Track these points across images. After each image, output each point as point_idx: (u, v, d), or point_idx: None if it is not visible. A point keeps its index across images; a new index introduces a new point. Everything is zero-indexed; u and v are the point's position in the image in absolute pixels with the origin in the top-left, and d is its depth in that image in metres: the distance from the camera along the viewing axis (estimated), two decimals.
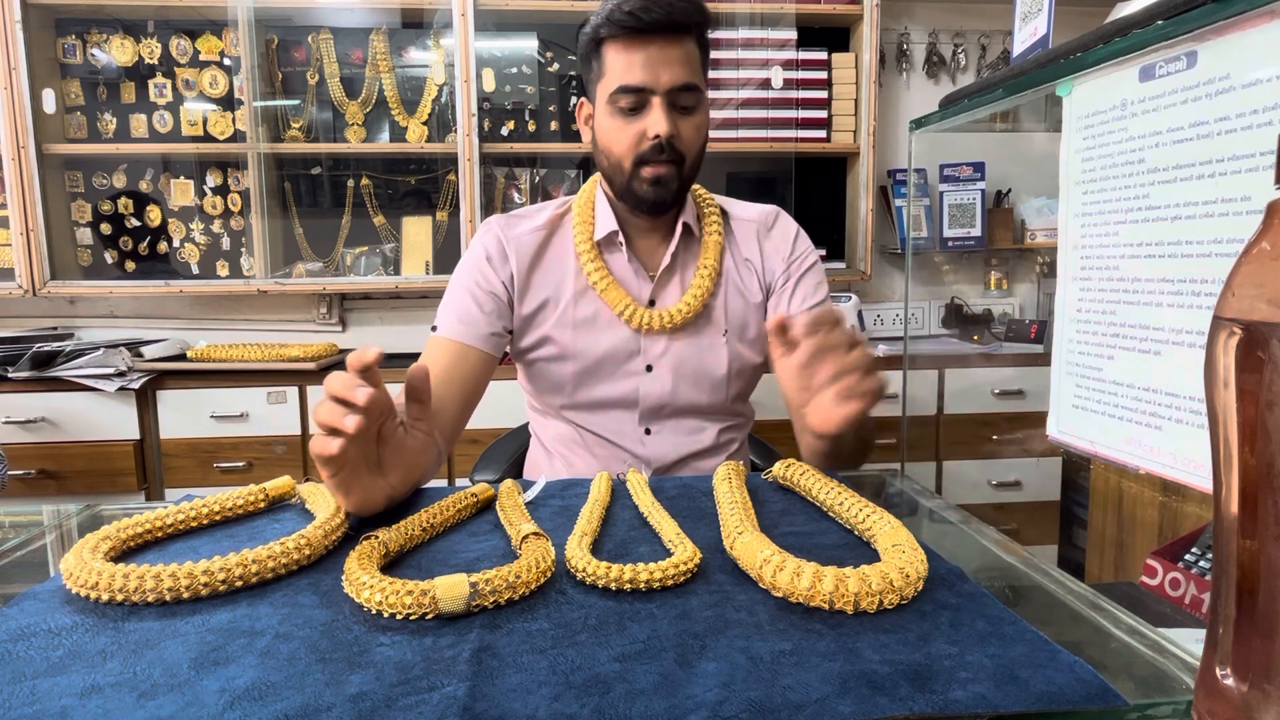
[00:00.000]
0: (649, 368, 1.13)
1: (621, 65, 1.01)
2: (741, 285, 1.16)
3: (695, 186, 1.18)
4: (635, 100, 1.02)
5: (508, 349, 1.15)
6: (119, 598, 0.54)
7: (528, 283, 1.12)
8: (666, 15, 0.99)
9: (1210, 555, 0.93)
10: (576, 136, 2.44)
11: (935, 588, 0.56)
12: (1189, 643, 0.49)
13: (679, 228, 1.12)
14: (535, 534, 0.62)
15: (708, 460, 1.16)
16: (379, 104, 2.44)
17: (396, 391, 0.74)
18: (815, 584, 0.53)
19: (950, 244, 2.62)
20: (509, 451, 1.38)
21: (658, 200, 1.06)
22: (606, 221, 1.11)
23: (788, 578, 0.54)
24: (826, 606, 0.53)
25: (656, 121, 1.01)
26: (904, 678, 0.44)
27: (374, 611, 0.53)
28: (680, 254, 1.14)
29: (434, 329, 1.10)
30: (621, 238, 1.11)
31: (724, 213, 1.19)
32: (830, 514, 0.73)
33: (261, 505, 0.76)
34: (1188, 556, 0.98)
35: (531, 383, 1.18)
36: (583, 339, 1.11)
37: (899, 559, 0.56)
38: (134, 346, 2.22)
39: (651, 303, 1.13)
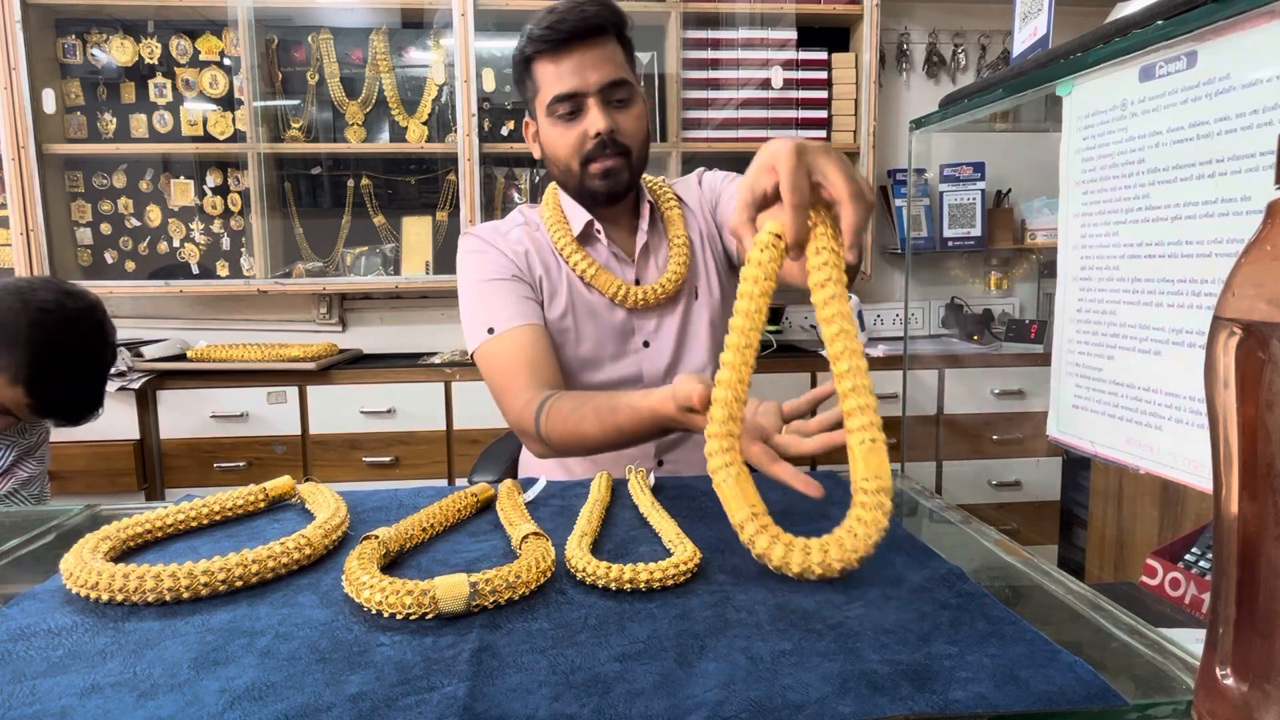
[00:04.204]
0: (646, 344, 1.17)
1: (552, 77, 1.08)
2: (712, 244, 1.24)
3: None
4: (571, 105, 1.08)
5: None
6: (119, 598, 0.54)
7: (528, 261, 1.17)
8: (581, 21, 1.06)
9: (1210, 555, 0.92)
10: None
11: (935, 587, 0.56)
12: (1189, 643, 0.49)
13: (645, 210, 1.19)
14: (535, 534, 0.62)
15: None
16: (379, 104, 2.44)
17: (398, 394, 0.75)
18: (785, 564, 0.57)
19: (950, 244, 2.62)
20: (509, 451, 1.38)
21: (611, 191, 1.12)
22: (580, 217, 1.17)
23: (762, 550, 0.58)
24: (792, 576, 0.57)
25: (594, 120, 1.08)
26: (904, 678, 0.44)
27: (374, 611, 0.53)
28: (651, 234, 1.20)
29: (490, 331, 1.11)
30: (598, 227, 1.17)
31: (671, 188, 1.26)
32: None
33: (261, 505, 0.76)
34: (1188, 556, 0.98)
35: None
36: (579, 326, 1.16)
37: (853, 526, 0.58)
38: (134, 346, 2.22)
39: (637, 281, 1.19)
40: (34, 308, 1.26)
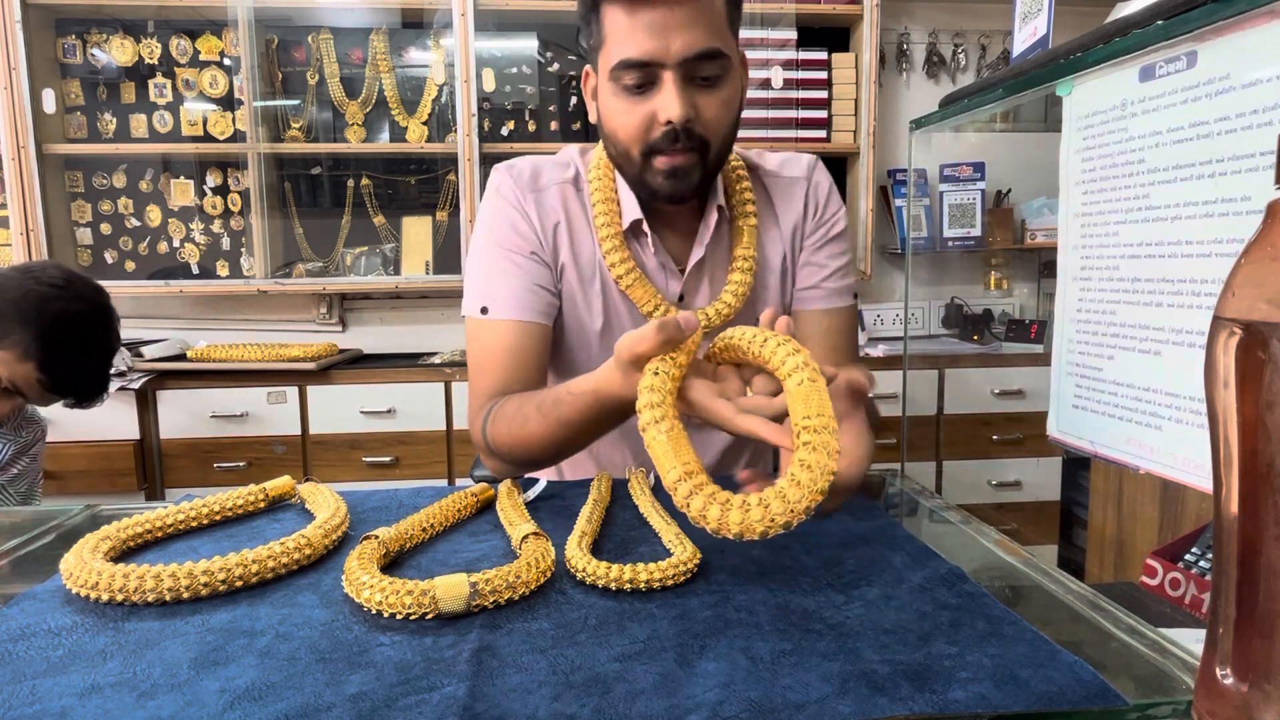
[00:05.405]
0: None
1: (623, 31, 0.82)
2: (788, 261, 1.01)
3: None
4: (642, 76, 0.82)
5: None
6: (119, 598, 0.54)
7: (555, 238, 0.97)
8: None
9: (1210, 555, 0.92)
10: (577, 137, 2.45)
11: (935, 587, 0.56)
12: (1189, 643, 0.49)
13: (713, 214, 0.96)
14: (535, 534, 0.62)
15: (734, 458, 1.07)
16: (379, 104, 2.44)
17: (398, 394, 0.74)
18: (721, 526, 0.52)
19: (950, 244, 2.62)
20: None
21: (675, 194, 0.89)
22: (631, 208, 0.95)
23: (696, 513, 0.53)
24: (732, 537, 0.52)
25: (668, 104, 0.82)
26: (904, 678, 0.44)
27: (374, 611, 0.53)
28: (711, 248, 0.97)
29: (483, 310, 0.94)
30: (647, 227, 0.95)
31: (756, 176, 1.02)
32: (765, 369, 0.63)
33: (261, 505, 0.76)
34: (1188, 556, 0.98)
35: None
36: (603, 332, 0.99)
37: (806, 471, 0.51)
38: (134, 346, 2.22)
39: (681, 298, 0.98)
40: (45, 283, 1.30)
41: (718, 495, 0.53)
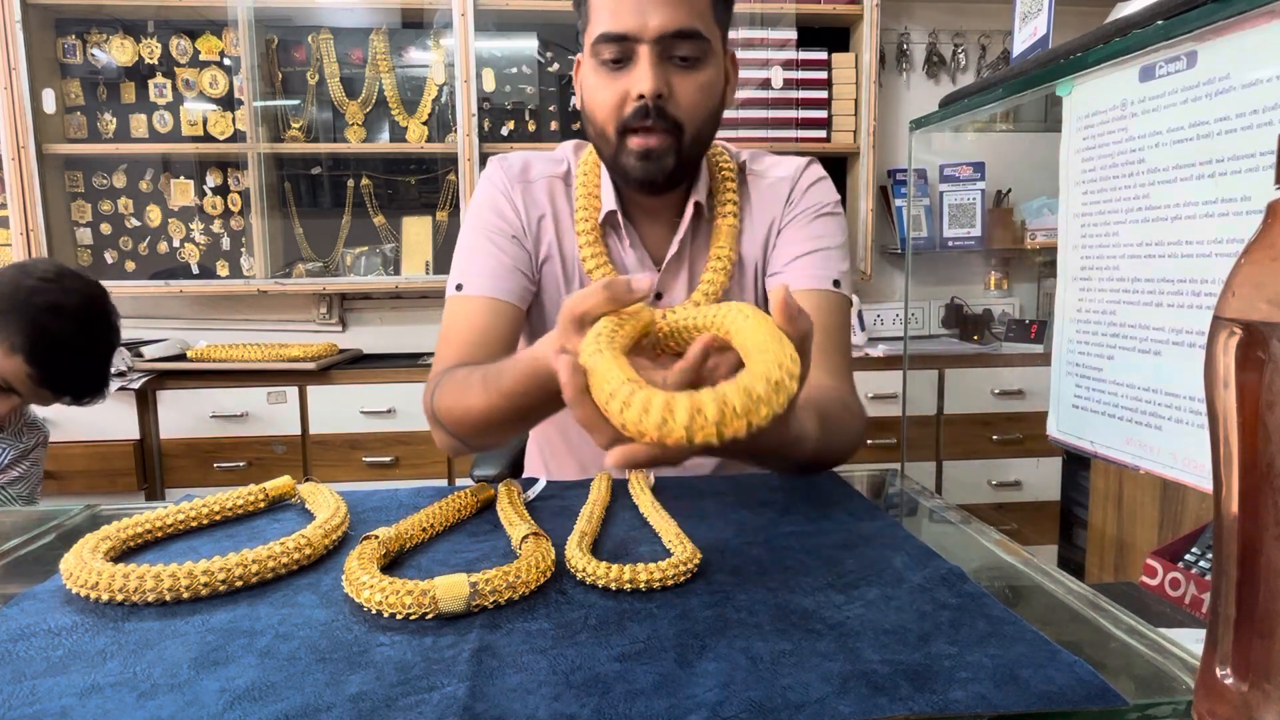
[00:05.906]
0: None
1: (605, 7, 0.84)
2: (760, 274, 1.01)
3: (714, 144, 1.00)
4: (619, 51, 0.84)
5: None
6: (119, 598, 0.54)
7: (539, 229, 0.98)
8: None
9: (1210, 555, 0.92)
10: (576, 137, 2.45)
11: (935, 587, 0.56)
12: (1189, 643, 0.49)
13: (689, 208, 0.95)
14: (535, 534, 0.62)
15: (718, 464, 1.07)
16: (379, 104, 2.44)
17: (398, 394, 0.73)
18: (667, 418, 0.44)
19: (950, 244, 2.63)
20: (509, 449, 1.38)
21: (648, 178, 0.88)
22: (609, 201, 0.95)
23: (636, 414, 0.45)
24: (686, 440, 0.45)
25: (640, 77, 0.83)
26: (904, 678, 0.44)
27: (374, 611, 0.53)
28: (690, 239, 0.97)
29: (459, 287, 0.94)
30: (622, 218, 0.95)
31: (744, 177, 1.01)
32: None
33: (261, 505, 0.76)
34: (1188, 556, 0.98)
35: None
36: None
37: (762, 363, 0.46)
38: (134, 346, 2.22)
39: (658, 296, 0.98)
40: (35, 277, 1.30)
41: (661, 393, 0.45)
